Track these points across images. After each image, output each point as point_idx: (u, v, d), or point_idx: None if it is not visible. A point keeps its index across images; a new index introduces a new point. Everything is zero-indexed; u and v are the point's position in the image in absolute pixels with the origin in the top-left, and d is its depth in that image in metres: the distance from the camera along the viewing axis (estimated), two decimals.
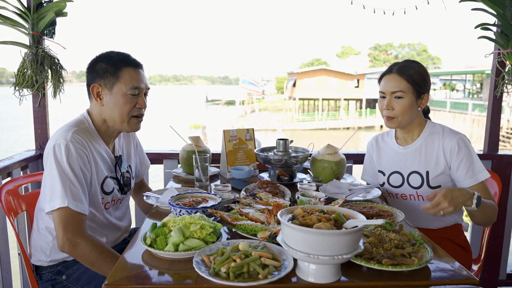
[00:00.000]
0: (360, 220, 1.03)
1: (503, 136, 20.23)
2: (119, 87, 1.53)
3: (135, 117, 1.60)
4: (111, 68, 1.54)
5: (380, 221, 1.03)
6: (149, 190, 2.00)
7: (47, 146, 1.48)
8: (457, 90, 32.86)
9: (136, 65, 1.58)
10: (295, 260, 1.04)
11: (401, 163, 1.81)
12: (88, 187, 1.50)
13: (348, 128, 30.20)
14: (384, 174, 1.88)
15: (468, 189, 1.44)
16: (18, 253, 2.03)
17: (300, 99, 37.25)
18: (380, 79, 1.78)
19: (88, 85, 1.57)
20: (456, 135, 1.71)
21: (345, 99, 36.69)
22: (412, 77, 1.69)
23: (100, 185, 1.58)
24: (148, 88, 1.64)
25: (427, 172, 1.73)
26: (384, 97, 1.75)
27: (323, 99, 36.67)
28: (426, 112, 1.89)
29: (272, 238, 1.14)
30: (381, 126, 30.98)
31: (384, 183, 1.88)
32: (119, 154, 1.72)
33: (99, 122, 1.60)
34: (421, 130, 1.79)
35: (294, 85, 37.22)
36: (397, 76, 1.70)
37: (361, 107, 35.85)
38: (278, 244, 1.09)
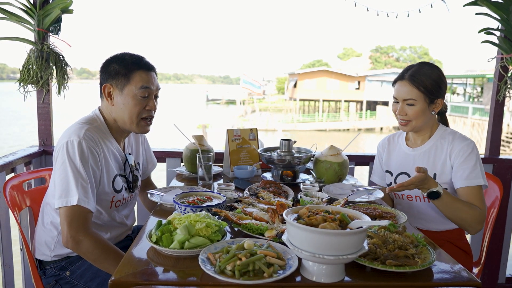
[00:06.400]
0: (365, 221, 1.04)
1: (503, 141, 20.24)
2: (130, 88, 1.55)
3: (144, 120, 1.61)
4: (123, 70, 1.55)
5: (384, 222, 1.04)
6: (155, 188, 2.01)
7: (59, 142, 1.49)
8: (458, 94, 32.90)
9: (148, 68, 1.60)
10: (299, 260, 1.05)
11: (409, 165, 1.82)
12: (96, 185, 1.52)
13: (348, 130, 30.18)
14: (391, 174, 1.89)
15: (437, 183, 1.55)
16: (21, 249, 2.04)
17: (300, 100, 37.27)
18: (394, 83, 1.79)
19: (101, 85, 1.60)
20: (466, 140, 1.72)
21: (345, 101, 36.71)
22: (424, 84, 1.67)
23: (111, 183, 1.59)
24: (159, 89, 1.66)
25: (434, 175, 1.74)
26: (397, 102, 1.76)
27: (323, 100, 36.68)
28: (442, 112, 1.87)
29: (279, 237, 1.15)
30: (381, 129, 30.99)
31: (391, 183, 1.89)
32: (129, 152, 1.73)
33: (111, 121, 1.62)
34: (432, 133, 1.80)
35: (295, 85, 37.24)
36: (409, 84, 1.69)
37: (361, 109, 35.86)
38: (283, 243, 1.10)
